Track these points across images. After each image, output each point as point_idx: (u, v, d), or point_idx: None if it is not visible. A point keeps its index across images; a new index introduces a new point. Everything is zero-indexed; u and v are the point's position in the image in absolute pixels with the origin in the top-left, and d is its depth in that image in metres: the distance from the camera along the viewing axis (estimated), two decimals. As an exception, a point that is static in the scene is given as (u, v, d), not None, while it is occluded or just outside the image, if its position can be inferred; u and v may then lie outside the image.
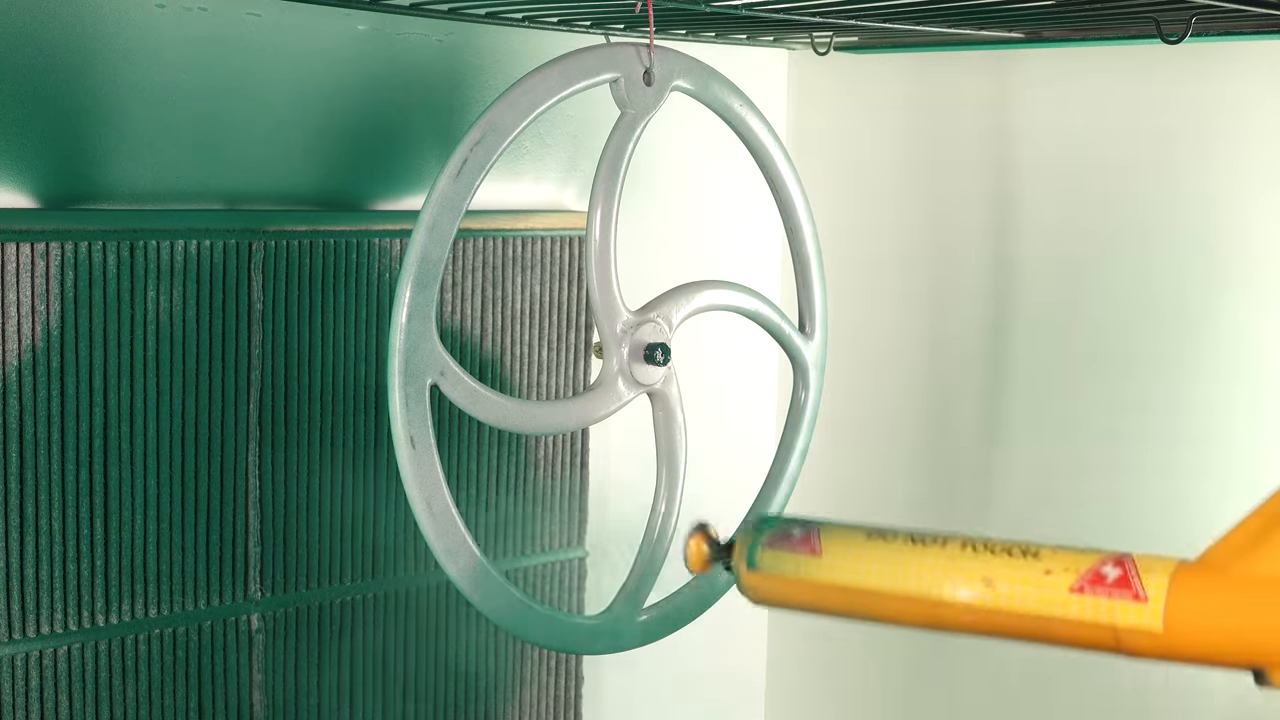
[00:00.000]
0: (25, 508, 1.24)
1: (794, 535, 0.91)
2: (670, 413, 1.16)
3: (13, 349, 1.21)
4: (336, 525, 1.43)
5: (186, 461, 1.32)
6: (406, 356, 0.98)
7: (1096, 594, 0.79)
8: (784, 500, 1.27)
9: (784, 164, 1.23)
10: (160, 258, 1.29)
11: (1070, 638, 0.81)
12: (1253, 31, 1.32)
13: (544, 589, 1.59)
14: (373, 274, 1.42)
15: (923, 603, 0.85)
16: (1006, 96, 1.59)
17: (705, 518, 0.97)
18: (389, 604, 1.47)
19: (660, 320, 1.14)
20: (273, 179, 1.39)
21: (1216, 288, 1.43)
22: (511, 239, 1.51)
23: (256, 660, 1.39)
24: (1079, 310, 1.54)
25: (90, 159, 1.28)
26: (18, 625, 1.24)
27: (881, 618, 0.89)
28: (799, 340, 1.27)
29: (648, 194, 1.65)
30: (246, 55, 1.36)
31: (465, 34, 1.49)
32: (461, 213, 1.00)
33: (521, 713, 1.58)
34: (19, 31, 1.23)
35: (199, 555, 1.34)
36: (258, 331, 1.35)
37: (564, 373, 1.57)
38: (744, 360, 1.81)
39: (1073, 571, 0.80)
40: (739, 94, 1.19)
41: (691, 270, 1.31)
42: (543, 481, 1.57)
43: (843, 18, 1.30)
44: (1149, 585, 0.78)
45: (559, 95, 1.04)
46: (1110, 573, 0.79)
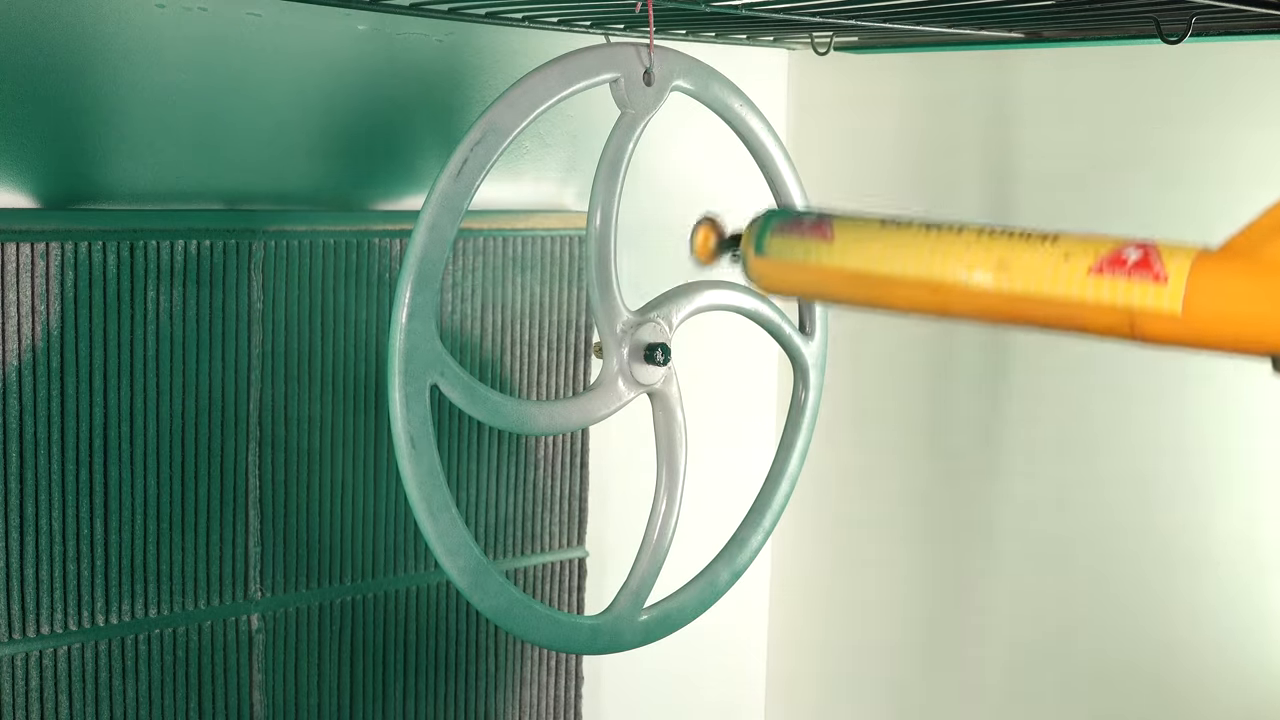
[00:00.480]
0: (25, 508, 1.24)
1: (805, 222, 0.89)
2: (670, 413, 1.16)
3: (13, 349, 1.21)
4: (336, 525, 1.43)
5: (186, 461, 1.32)
6: (406, 356, 0.98)
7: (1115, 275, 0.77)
8: (784, 500, 1.27)
9: (784, 164, 1.23)
10: (160, 258, 1.29)
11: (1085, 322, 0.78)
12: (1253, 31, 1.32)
13: (544, 589, 1.59)
14: (373, 274, 1.42)
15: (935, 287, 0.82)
16: (1006, 96, 1.59)
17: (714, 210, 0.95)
18: (389, 604, 1.47)
19: (660, 320, 1.14)
20: (273, 179, 1.39)
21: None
22: (511, 239, 1.51)
23: (256, 660, 1.39)
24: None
25: (90, 159, 1.28)
26: (18, 625, 1.25)
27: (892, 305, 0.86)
28: (799, 340, 1.26)
29: (648, 194, 1.65)
30: (246, 55, 1.36)
31: (465, 34, 1.49)
32: (461, 213, 1.00)
33: (521, 713, 1.58)
34: (19, 31, 1.23)
35: (199, 555, 1.34)
36: (258, 331, 1.35)
37: (564, 373, 1.57)
38: (744, 360, 1.81)
39: (1092, 254, 0.78)
40: (739, 94, 1.19)
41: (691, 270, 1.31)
42: (543, 481, 1.57)
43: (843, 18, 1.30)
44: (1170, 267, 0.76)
45: (559, 95, 1.04)
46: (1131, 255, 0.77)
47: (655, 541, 1.16)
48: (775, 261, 0.90)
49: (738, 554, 1.24)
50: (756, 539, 1.25)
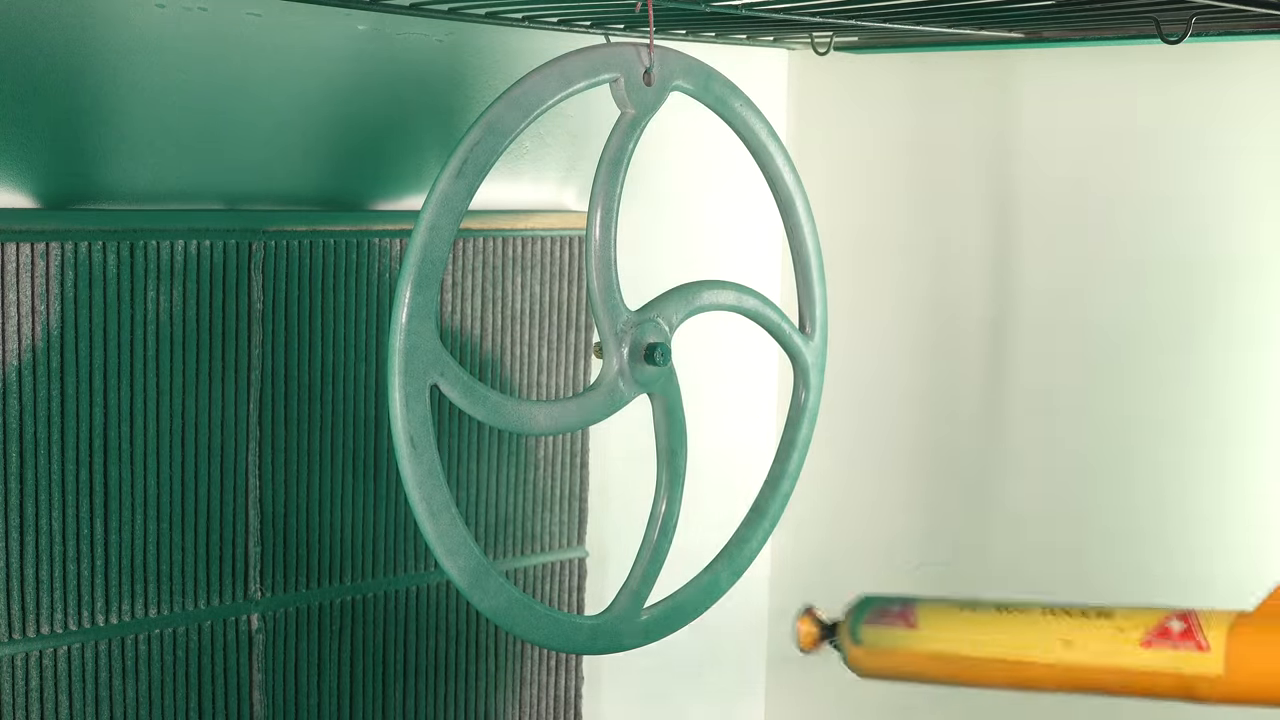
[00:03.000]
0: (25, 508, 1.24)
1: (892, 611, 1.02)
2: (670, 413, 1.16)
3: (13, 349, 1.21)
4: (336, 525, 1.43)
5: (186, 461, 1.32)
6: (406, 356, 0.98)
7: (1164, 647, 0.90)
8: (784, 500, 1.27)
9: (784, 164, 1.23)
10: (160, 258, 1.29)
11: (1144, 688, 0.91)
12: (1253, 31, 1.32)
13: (544, 589, 1.59)
14: (373, 274, 1.42)
15: (1010, 665, 0.96)
16: (1006, 96, 1.59)
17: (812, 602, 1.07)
18: (389, 604, 1.47)
19: (660, 320, 1.14)
20: (273, 179, 1.39)
21: (1217, 287, 1.43)
22: (511, 239, 1.51)
23: (256, 660, 1.39)
24: (1079, 309, 1.54)
25: (90, 159, 1.28)
26: (18, 625, 1.24)
27: (974, 681, 1.00)
28: (799, 340, 1.26)
29: (648, 194, 1.65)
30: (246, 55, 1.36)
31: (465, 34, 1.49)
32: (461, 213, 1.00)
33: (521, 713, 1.58)
34: (19, 31, 1.23)
35: (199, 555, 1.34)
36: (258, 331, 1.35)
37: (564, 373, 1.57)
38: (744, 360, 1.81)
39: (1141, 628, 0.91)
40: (739, 94, 1.19)
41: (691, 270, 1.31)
42: (543, 481, 1.57)
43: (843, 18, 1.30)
44: (1210, 636, 0.88)
45: (559, 95, 1.04)
46: (1175, 626, 0.90)
47: (655, 541, 1.16)
48: (871, 650, 1.03)
49: (738, 554, 1.24)
50: (756, 539, 1.25)
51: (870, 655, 1.03)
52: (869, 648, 1.03)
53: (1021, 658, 0.95)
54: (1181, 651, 0.89)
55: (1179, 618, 0.90)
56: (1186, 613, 0.90)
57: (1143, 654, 0.90)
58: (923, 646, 1.00)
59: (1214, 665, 0.88)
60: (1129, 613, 0.92)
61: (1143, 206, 1.48)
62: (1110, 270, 1.51)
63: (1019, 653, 0.95)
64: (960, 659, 0.99)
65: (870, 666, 1.05)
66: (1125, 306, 1.50)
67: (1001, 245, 1.61)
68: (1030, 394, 1.59)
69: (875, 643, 1.02)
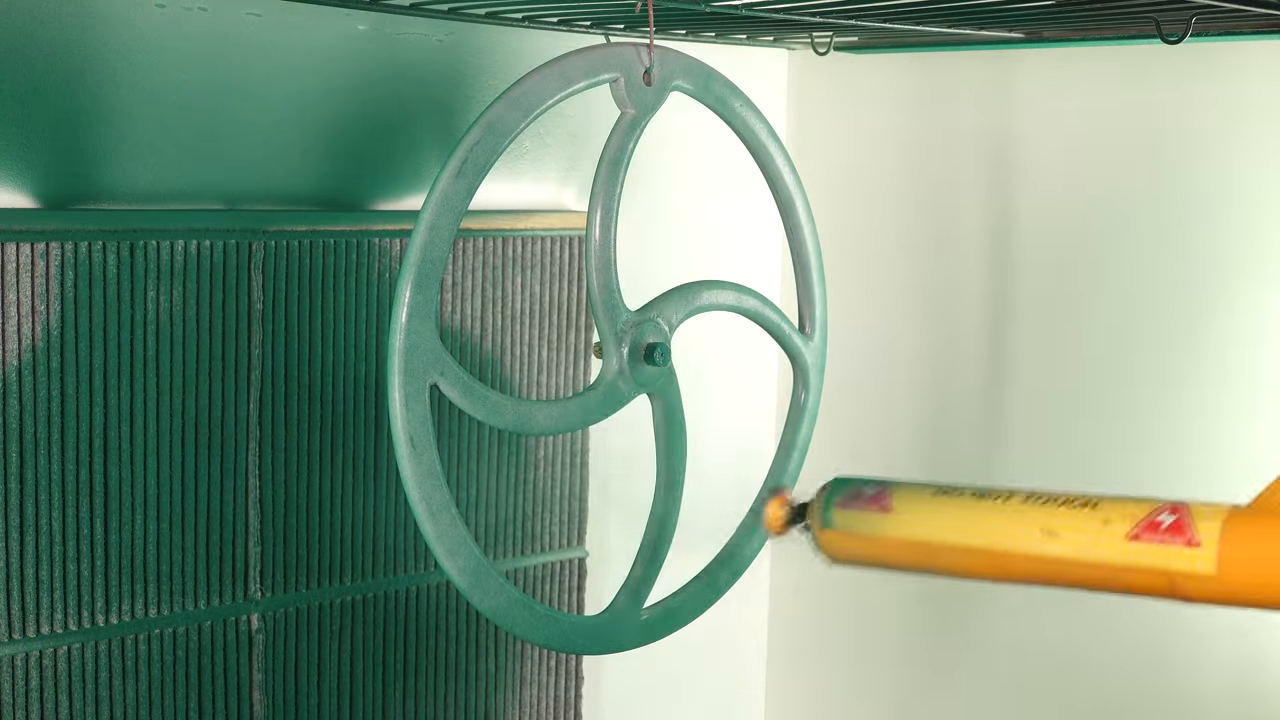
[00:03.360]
0: (25, 508, 1.24)
1: (866, 494, 0.95)
2: (670, 413, 1.16)
3: (13, 349, 1.21)
4: (336, 525, 1.43)
5: (186, 461, 1.32)
6: (406, 356, 0.98)
7: (1152, 541, 0.82)
8: (784, 500, 1.27)
9: (784, 164, 1.23)
10: (160, 258, 1.29)
11: (1128, 584, 0.84)
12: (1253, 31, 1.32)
13: (544, 589, 1.59)
14: (373, 274, 1.42)
15: (988, 554, 0.89)
16: (1006, 96, 1.59)
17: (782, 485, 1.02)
18: (389, 604, 1.47)
19: (660, 320, 1.14)
20: (273, 179, 1.39)
21: (1216, 286, 1.43)
22: (511, 239, 1.51)
23: (256, 660, 1.39)
24: (1078, 309, 1.54)
25: (90, 159, 1.28)
26: (18, 625, 1.25)
27: (949, 570, 0.93)
28: (799, 340, 1.26)
29: (648, 194, 1.65)
30: (246, 55, 1.36)
31: (465, 34, 1.49)
32: (461, 213, 1.00)
33: (521, 713, 1.58)
34: (19, 31, 1.23)
35: (199, 555, 1.34)
36: (258, 331, 1.35)
37: (564, 373, 1.57)
38: (744, 360, 1.81)
39: (1129, 519, 0.84)
40: (739, 94, 1.19)
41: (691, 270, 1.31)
42: (543, 481, 1.57)
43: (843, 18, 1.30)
44: (1202, 531, 0.81)
45: (559, 95, 1.04)
46: (1165, 520, 0.83)
47: (655, 541, 1.16)
48: (841, 534, 0.97)
49: (737, 554, 1.24)
50: (756, 539, 1.25)
51: (841, 539, 0.97)
52: (840, 531, 0.97)
53: (999, 547, 0.89)
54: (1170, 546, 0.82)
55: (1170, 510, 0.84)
56: (1178, 505, 0.84)
57: (1128, 548, 0.84)
58: (896, 532, 0.94)
59: (1204, 563, 0.81)
60: (1116, 503, 0.86)
61: (1142, 206, 1.48)
62: (1110, 270, 1.51)
63: (997, 542, 0.89)
64: (934, 546, 0.92)
65: (840, 551, 0.99)
66: (1125, 306, 1.50)
67: (1001, 245, 1.61)
68: (1030, 393, 1.59)
69: (847, 526, 0.96)
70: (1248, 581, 0.81)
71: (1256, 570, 0.80)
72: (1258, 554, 0.80)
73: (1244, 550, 0.80)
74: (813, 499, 0.99)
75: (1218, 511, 0.82)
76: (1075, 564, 0.85)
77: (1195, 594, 0.83)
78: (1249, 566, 0.80)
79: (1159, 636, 1.47)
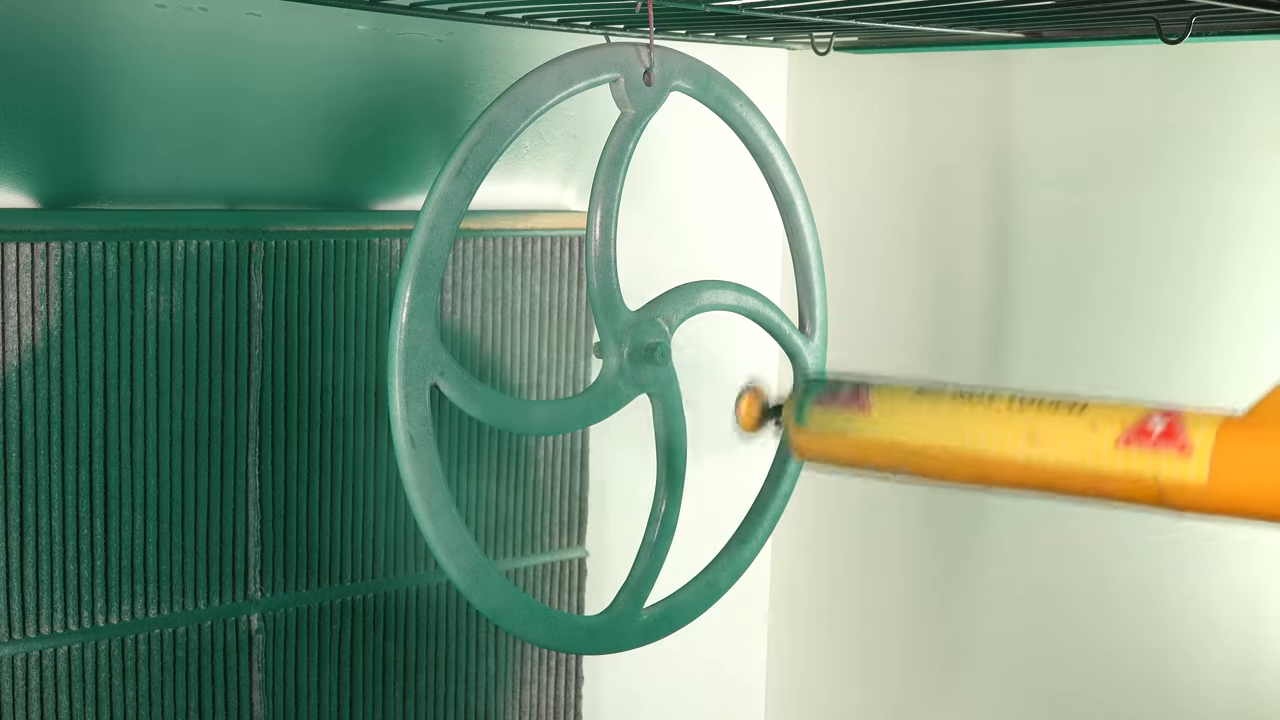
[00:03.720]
0: (25, 508, 1.24)
1: (843, 393, 0.90)
2: (670, 413, 1.16)
3: (13, 349, 1.21)
4: (336, 525, 1.43)
5: (186, 461, 1.32)
6: (406, 356, 0.98)
7: (1142, 446, 0.78)
8: (784, 500, 1.27)
9: (784, 164, 1.23)
10: (160, 258, 1.29)
11: (1113, 492, 0.80)
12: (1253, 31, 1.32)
13: (544, 589, 1.59)
14: (373, 274, 1.42)
15: (968, 459, 0.84)
16: (1006, 96, 1.59)
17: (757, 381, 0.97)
18: (389, 604, 1.47)
19: (660, 320, 1.14)
20: (273, 179, 1.39)
21: (1216, 286, 1.43)
22: (511, 239, 1.51)
23: (256, 660, 1.39)
24: (1078, 308, 1.54)
25: (90, 159, 1.28)
26: (18, 625, 1.25)
27: (927, 474, 0.88)
28: (799, 340, 1.26)
29: (648, 194, 1.65)
30: (246, 55, 1.36)
31: (465, 34, 1.49)
32: (461, 213, 1.00)
33: (521, 713, 1.58)
34: (19, 32, 1.23)
35: (199, 555, 1.34)
36: (258, 331, 1.35)
37: (564, 373, 1.57)
38: (744, 360, 1.81)
39: (1119, 425, 0.80)
40: (739, 94, 1.19)
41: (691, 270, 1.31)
42: (543, 481, 1.57)
43: (843, 18, 1.30)
44: (1195, 437, 0.77)
45: (559, 95, 1.04)
46: (1157, 425, 0.79)
47: (655, 541, 1.16)
48: (816, 433, 0.91)
49: (738, 554, 1.24)
50: (756, 539, 1.25)
51: (815, 439, 0.92)
52: (815, 430, 0.91)
53: (981, 451, 0.84)
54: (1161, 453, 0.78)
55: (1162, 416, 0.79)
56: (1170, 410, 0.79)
57: (1116, 454, 0.79)
58: (873, 432, 0.88)
59: (1196, 471, 0.77)
60: (1106, 408, 0.81)
61: (1142, 206, 1.48)
62: (1109, 269, 1.51)
63: (978, 445, 0.84)
64: (913, 448, 0.87)
65: (814, 451, 0.93)
66: (1124, 305, 1.50)
67: (1001, 245, 1.61)
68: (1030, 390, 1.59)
69: (822, 425, 0.91)
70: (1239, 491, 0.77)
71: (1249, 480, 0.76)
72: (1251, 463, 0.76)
73: (1237, 459, 0.76)
74: (788, 397, 0.94)
75: (1212, 419, 0.78)
76: (1060, 470, 0.81)
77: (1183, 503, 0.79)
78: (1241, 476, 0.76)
79: (1159, 634, 1.47)
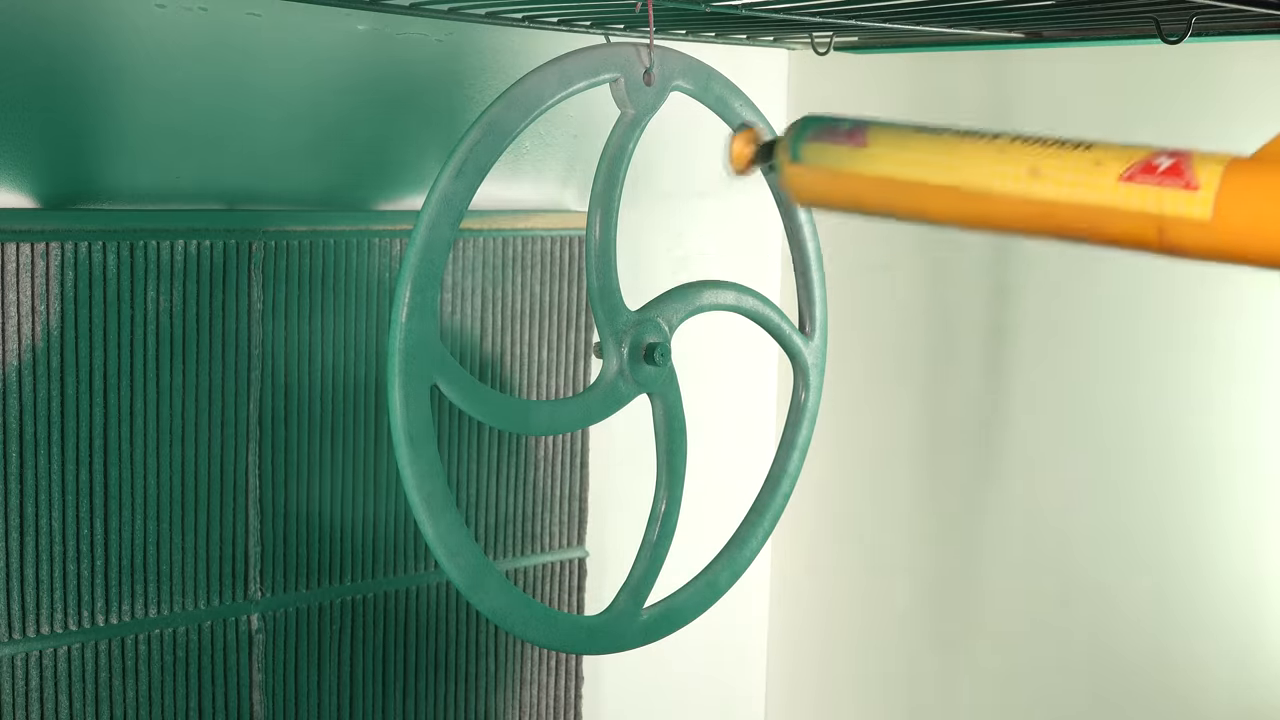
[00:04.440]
0: (25, 508, 1.24)
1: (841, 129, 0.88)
2: (670, 413, 1.16)
3: (13, 349, 1.21)
4: (336, 525, 1.43)
5: (186, 461, 1.33)
6: (406, 356, 0.98)
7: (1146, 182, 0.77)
8: (784, 500, 1.27)
9: (784, 164, 1.23)
10: (160, 258, 1.29)
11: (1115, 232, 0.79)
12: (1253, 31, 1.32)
13: (544, 589, 1.59)
14: (373, 274, 1.42)
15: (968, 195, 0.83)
16: (1006, 96, 1.59)
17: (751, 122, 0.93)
18: (389, 604, 1.47)
19: (660, 320, 1.14)
20: (273, 179, 1.39)
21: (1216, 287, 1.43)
22: (511, 239, 1.51)
23: (256, 660, 1.39)
24: (1078, 308, 1.54)
25: (90, 159, 1.28)
26: (18, 625, 1.25)
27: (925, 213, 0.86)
28: (799, 340, 1.26)
29: (648, 194, 1.65)
30: (246, 55, 1.36)
31: (465, 34, 1.49)
32: (462, 213, 1.00)
33: (521, 713, 1.58)
34: (19, 32, 1.23)
35: (199, 555, 1.34)
36: (258, 331, 1.35)
37: (564, 373, 1.57)
38: (744, 360, 1.81)
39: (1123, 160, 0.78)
40: (739, 94, 1.19)
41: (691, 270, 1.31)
42: (543, 481, 1.57)
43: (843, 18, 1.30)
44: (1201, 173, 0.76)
45: (559, 95, 1.04)
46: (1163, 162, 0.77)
47: (655, 541, 1.16)
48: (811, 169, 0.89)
49: (738, 554, 1.24)
50: (756, 539, 1.25)
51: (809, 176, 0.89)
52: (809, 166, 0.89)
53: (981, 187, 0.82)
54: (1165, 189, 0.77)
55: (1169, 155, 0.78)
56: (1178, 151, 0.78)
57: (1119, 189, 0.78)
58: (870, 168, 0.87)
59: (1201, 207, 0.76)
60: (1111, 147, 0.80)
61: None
62: (1109, 270, 1.51)
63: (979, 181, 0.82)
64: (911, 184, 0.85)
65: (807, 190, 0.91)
66: (1124, 306, 1.50)
67: (1000, 245, 1.61)
68: (1029, 393, 1.59)
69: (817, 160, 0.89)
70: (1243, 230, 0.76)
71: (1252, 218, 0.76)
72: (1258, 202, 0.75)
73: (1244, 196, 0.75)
74: (782, 134, 0.91)
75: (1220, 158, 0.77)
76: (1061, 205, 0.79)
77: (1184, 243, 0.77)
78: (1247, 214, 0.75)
79: (1158, 632, 1.47)
